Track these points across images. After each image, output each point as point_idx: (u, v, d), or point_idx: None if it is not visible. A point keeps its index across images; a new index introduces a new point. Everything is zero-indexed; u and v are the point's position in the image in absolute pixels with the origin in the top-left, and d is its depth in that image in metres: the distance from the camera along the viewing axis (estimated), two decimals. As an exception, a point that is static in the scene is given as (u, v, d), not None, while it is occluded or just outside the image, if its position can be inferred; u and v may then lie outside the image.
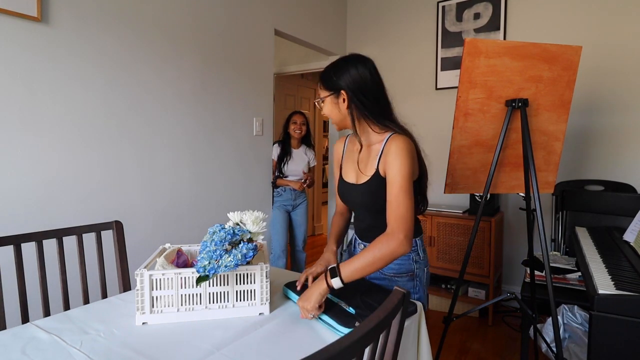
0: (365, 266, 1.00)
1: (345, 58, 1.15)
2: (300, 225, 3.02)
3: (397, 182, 1.03)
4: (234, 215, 1.11)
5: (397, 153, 1.05)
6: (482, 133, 1.72)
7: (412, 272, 1.18)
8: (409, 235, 1.00)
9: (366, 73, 1.11)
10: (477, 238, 2.64)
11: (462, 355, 2.24)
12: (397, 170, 1.04)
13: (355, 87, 1.11)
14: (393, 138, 1.09)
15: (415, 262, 1.19)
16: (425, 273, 1.21)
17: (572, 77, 1.64)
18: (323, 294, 1.00)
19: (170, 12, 2.08)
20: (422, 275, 1.19)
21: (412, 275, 1.18)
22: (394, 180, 1.04)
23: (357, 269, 1.00)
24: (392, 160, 1.05)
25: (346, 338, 0.57)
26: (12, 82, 1.51)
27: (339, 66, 1.13)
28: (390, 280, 1.20)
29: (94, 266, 1.42)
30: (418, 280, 1.19)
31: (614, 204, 2.30)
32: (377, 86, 1.13)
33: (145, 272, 1.01)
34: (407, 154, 1.05)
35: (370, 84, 1.12)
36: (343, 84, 1.11)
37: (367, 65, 1.13)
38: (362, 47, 3.60)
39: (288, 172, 2.93)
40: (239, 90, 2.52)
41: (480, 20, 2.97)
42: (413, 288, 1.18)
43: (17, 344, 0.90)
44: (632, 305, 1.15)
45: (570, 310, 1.98)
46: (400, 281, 1.18)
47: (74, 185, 1.71)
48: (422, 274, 1.19)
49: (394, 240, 0.99)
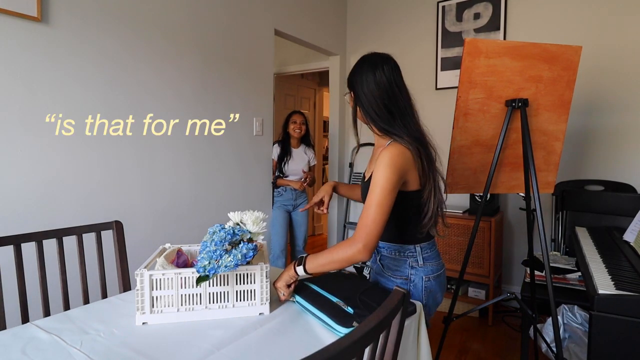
0: (326, 264, 1.07)
1: (363, 58, 1.17)
2: (300, 225, 3.02)
3: (373, 192, 1.04)
4: (234, 215, 1.11)
5: (381, 162, 1.05)
6: (482, 133, 1.72)
7: (406, 277, 1.18)
8: (368, 245, 1.01)
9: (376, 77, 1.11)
10: (477, 238, 2.65)
11: (462, 355, 2.24)
12: (376, 180, 1.04)
13: (363, 89, 1.12)
14: (388, 146, 1.09)
15: (412, 267, 1.18)
16: (424, 281, 1.17)
17: (572, 77, 1.64)
18: (291, 275, 1.11)
19: (171, 12, 2.08)
20: (419, 282, 1.17)
21: (406, 279, 1.18)
22: (371, 189, 1.05)
23: (319, 264, 1.07)
24: (375, 169, 1.06)
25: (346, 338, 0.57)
26: (12, 82, 1.51)
27: (356, 65, 1.16)
28: (387, 279, 1.21)
29: (94, 266, 1.42)
30: (412, 285, 1.18)
31: (614, 204, 2.30)
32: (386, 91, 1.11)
33: (146, 272, 1.01)
34: (391, 164, 1.04)
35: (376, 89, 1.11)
36: (354, 85, 1.15)
37: (380, 68, 1.11)
38: (362, 47, 3.60)
39: (288, 171, 2.93)
40: (239, 90, 2.52)
41: (480, 20, 2.97)
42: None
43: (17, 344, 0.90)
44: (632, 305, 1.15)
45: (570, 310, 1.98)
46: (394, 281, 1.19)
47: (74, 185, 1.71)
48: (418, 280, 1.17)
49: (353, 247, 1.02)
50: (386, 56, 1.15)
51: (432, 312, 1.23)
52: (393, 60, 1.15)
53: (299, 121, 2.97)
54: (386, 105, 1.12)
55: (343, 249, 1.04)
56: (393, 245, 1.20)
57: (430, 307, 1.21)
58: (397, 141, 1.10)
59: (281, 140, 2.99)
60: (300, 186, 2.90)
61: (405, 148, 1.08)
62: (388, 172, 1.03)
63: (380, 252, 1.24)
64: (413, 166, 1.09)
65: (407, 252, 1.18)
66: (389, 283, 1.20)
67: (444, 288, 1.24)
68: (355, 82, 1.15)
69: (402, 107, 1.13)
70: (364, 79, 1.12)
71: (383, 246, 1.23)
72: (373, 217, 1.02)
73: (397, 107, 1.13)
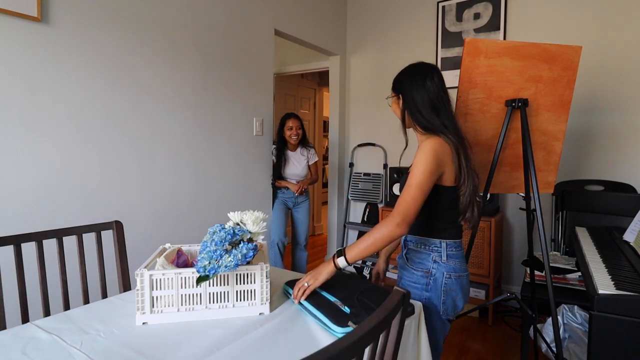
0: (367, 247, 1.10)
1: (413, 65, 1.27)
2: (302, 222, 3.02)
3: (412, 174, 1.11)
4: (234, 215, 1.11)
5: (421, 150, 1.13)
6: (482, 133, 1.72)
7: (427, 270, 1.21)
8: (406, 219, 1.07)
9: (427, 84, 1.21)
10: (477, 238, 2.64)
11: (462, 355, 2.24)
12: (415, 164, 1.12)
13: (412, 93, 1.22)
14: (429, 138, 1.17)
15: (434, 261, 1.21)
16: (445, 277, 1.19)
17: (572, 77, 1.64)
18: (331, 272, 1.11)
19: (171, 12, 2.08)
20: (440, 277, 1.19)
21: (428, 272, 1.21)
22: (411, 172, 1.13)
23: (360, 249, 1.10)
24: (417, 155, 1.14)
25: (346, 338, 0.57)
26: (12, 82, 1.51)
27: (406, 71, 1.26)
28: (409, 272, 1.25)
29: (94, 266, 1.42)
30: (432, 279, 1.20)
31: (614, 204, 2.30)
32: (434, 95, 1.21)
33: (146, 272, 1.01)
34: (430, 152, 1.11)
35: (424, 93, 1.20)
36: (403, 88, 1.24)
37: (430, 76, 1.21)
38: (362, 47, 3.60)
39: (287, 175, 2.94)
40: (239, 90, 2.52)
41: (480, 20, 2.97)
42: (426, 285, 1.21)
43: (17, 344, 0.90)
44: (632, 305, 1.15)
45: (570, 310, 1.98)
46: (416, 274, 1.23)
47: (74, 185, 1.72)
48: (439, 275, 1.20)
49: (391, 223, 1.07)
50: (426, 64, 1.26)
51: (450, 313, 1.22)
52: (431, 67, 1.25)
53: (295, 127, 2.89)
54: (434, 107, 1.20)
55: (381, 228, 1.08)
56: (420, 239, 1.25)
57: (448, 307, 1.21)
58: (438, 136, 1.17)
59: (277, 143, 2.94)
60: (297, 190, 2.89)
61: (445, 142, 1.16)
62: (429, 157, 1.11)
63: (407, 245, 1.29)
64: (450, 160, 1.16)
65: (432, 245, 1.22)
66: (410, 276, 1.24)
67: (466, 294, 1.25)
68: (404, 87, 1.24)
69: (445, 111, 1.22)
70: (413, 84, 1.22)
71: (410, 239, 1.28)
72: (412, 194, 1.09)
73: (441, 111, 1.22)
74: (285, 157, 2.92)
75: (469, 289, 1.27)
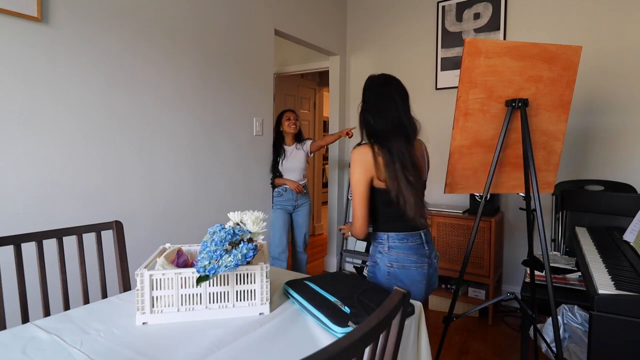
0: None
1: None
2: (301, 227, 2.95)
3: (351, 185, 1.36)
4: (234, 215, 1.11)
5: (350, 164, 1.36)
6: (482, 133, 1.72)
7: (375, 260, 1.39)
8: (356, 225, 1.35)
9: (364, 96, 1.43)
10: (477, 238, 2.65)
11: (462, 355, 2.24)
12: (350, 179, 1.36)
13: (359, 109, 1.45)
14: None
15: (380, 252, 1.38)
16: (387, 266, 1.34)
17: (572, 77, 1.64)
18: None
19: (171, 13, 2.08)
20: (383, 266, 1.35)
21: (375, 262, 1.39)
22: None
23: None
24: None
25: (346, 338, 0.57)
26: (12, 82, 1.51)
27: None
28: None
29: (94, 266, 1.42)
30: (377, 267, 1.37)
31: (614, 204, 2.30)
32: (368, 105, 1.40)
33: (146, 272, 1.01)
34: (353, 164, 1.35)
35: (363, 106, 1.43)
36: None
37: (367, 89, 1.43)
38: (362, 47, 3.60)
39: (285, 170, 2.85)
40: (240, 90, 2.52)
41: (480, 20, 2.97)
42: (374, 273, 1.38)
43: (17, 344, 0.90)
44: (632, 305, 1.15)
45: (570, 310, 1.98)
46: (370, 263, 1.41)
47: (74, 185, 1.72)
48: (382, 264, 1.36)
49: (353, 229, 1.38)
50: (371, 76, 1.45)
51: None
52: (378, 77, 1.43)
53: (292, 117, 2.90)
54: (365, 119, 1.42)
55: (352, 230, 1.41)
56: (372, 233, 1.42)
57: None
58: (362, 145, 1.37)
59: (274, 139, 2.90)
60: (296, 188, 2.86)
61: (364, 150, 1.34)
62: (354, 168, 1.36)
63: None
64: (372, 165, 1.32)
65: (378, 238, 1.39)
66: (369, 265, 1.42)
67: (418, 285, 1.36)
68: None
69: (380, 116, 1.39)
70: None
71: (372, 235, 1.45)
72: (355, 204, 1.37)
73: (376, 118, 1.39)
74: (283, 151, 2.88)
75: (424, 281, 1.36)
